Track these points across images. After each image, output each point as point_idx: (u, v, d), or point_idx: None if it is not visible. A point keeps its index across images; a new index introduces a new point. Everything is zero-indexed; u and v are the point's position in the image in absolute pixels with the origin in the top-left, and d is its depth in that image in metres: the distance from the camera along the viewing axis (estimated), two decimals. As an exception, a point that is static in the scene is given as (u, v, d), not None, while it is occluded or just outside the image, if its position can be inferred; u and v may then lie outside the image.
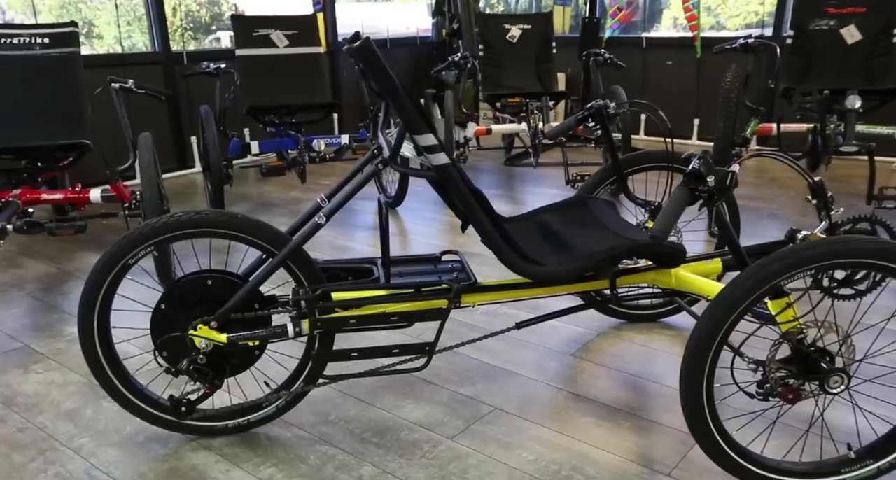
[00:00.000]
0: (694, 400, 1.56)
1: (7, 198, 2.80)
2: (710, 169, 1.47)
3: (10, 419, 2.04)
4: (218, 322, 1.73)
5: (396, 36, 6.63)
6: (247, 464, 1.80)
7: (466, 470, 1.76)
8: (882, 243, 1.43)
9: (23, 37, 3.46)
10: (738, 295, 1.47)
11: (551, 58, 4.88)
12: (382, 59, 1.47)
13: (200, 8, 8.22)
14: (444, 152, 1.55)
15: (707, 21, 6.63)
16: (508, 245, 1.66)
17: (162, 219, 1.71)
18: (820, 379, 1.54)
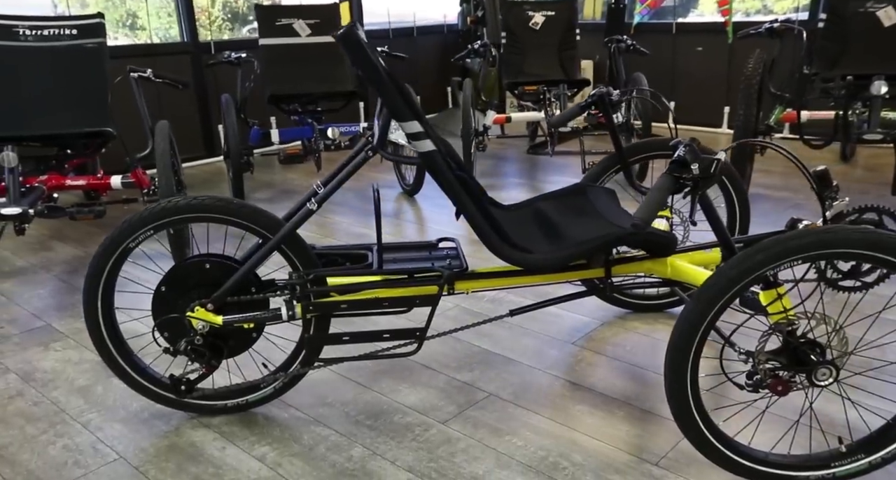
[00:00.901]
0: (678, 390, 1.55)
1: (33, 183, 2.91)
2: (695, 156, 1.45)
3: (27, 393, 2.13)
4: (214, 304, 1.78)
5: (423, 24, 6.63)
6: (242, 442, 1.86)
7: (454, 454, 1.79)
8: (870, 233, 1.40)
9: (52, 28, 3.57)
10: (722, 285, 1.46)
11: (574, 45, 4.83)
12: (366, 46, 1.49)
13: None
14: (430, 139, 1.57)
15: (753, 5, 6.46)
16: (495, 232, 1.67)
17: (160, 205, 1.76)
18: (808, 371, 1.52)
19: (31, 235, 3.63)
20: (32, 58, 3.51)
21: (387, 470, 1.73)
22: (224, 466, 1.76)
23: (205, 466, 1.76)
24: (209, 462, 1.78)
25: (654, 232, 1.70)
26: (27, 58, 3.50)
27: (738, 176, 2.31)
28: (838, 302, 1.81)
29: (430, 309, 1.80)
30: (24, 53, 3.51)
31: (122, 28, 6.48)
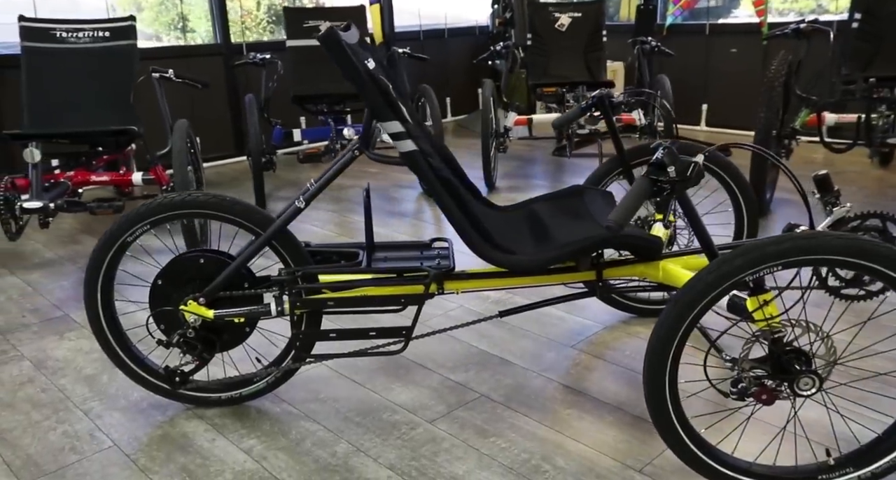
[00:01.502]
0: (656, 395, 1.53)
1: (60, 179, 3.02)
2: (673, 159, 1.43)
3: (38, 380, 2.22)
4: (206, 298, 1.82)
5: (454, 25, 6.65)
6: (232, 435, 1.90)
7: (437, 453, 1.80)
8: (852, 239, 1.36)
9: (87, 31, 3.70)
10: (699, 290, 1.43)
11: (601, 46, 4.78)
12: (347, 47, 1.51)
13: (284, 0, 8.55)
14: (412, 139, 1.58)
15: (807, 4, 6.30)
16: (478, 233, 1.67)
17: (156, 200, 1.82)
18: (790, 380, 1.48)
19: (63, 229, 3.76)
20: (67, 59, 3.65)
21: (368, 467, 1.75)
22: (211, 457, 1.80)
23: (193, 456, 1.81)
24: (198, 452, 1.82)
25: (633, 234, 1.68)
26: (62, 59, 3.65)
27: (744, 178, 2.26)
28: (834, 310, 1.77)
29: (417, 309, 1.81)
30: (59, 55, 3.65)
31: (173, 30, 6.69)
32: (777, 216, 3.60)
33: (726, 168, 2.22)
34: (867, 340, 2.00)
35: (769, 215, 3.57)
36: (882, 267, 1.36)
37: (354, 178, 4.60)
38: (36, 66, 3.58)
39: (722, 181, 2.26)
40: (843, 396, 1.77)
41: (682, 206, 1.53)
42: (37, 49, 3.62)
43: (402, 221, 3.77)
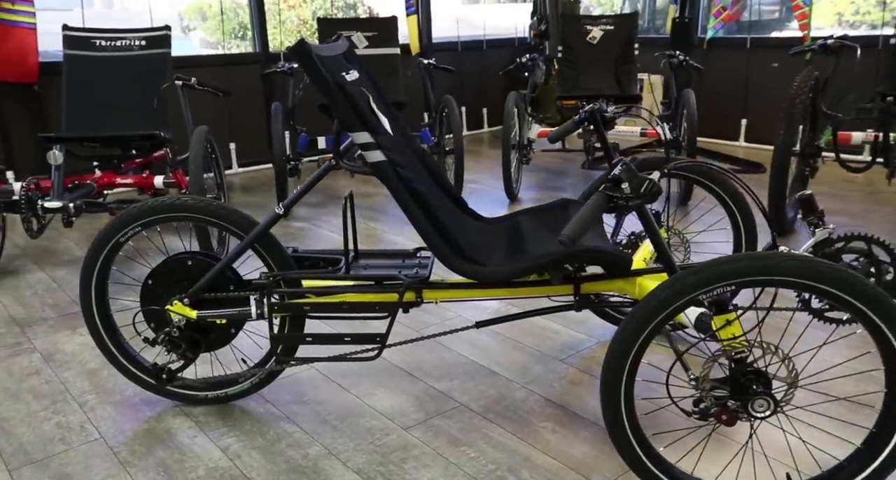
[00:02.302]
0: (612, 412, 1.52)
1: (86, 180, 3.17)
2: (630, 176, 1.42)
3: (44, 372, 2.33)
4: (190, 299, 1.89)
5: (493, 37, 6.68)
6: (213, 432, 1.96)
7: (406, 460, 1.82)
8: (808, 262, 1.33)
9: (124, 39, 3.88)
10: (653, 307, 1.42)
11: (632, 59, 4.74)
12: (315, 59, 1.56)
13: (337, 11, 8.77)
14: (381, 150, 1.61)
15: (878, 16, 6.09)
16: (447, 243, 1.69)
17: (147, 203, 1.90)
18: (744, 401, 1.45)
19: (95, 227, 3.92)
20: (104, 66, 3.83)
21: (336, 470, 1.78)
22: (188, 453, 1.86)
23: (171, 452, 1.87)
24: (177, 448, 1.89)
25: (600, 249, 1.67)
26: (99, 66, 3.83)
27: (742, 195, 2.21)
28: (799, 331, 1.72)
29: (391, 317, 1.83)
30: (97, 62, 3.84)
31: (234, 39, 6.95)
32: (801, 235, 3.50)
33: (722, 184, 2.18)
34: (834, 363, 1.95)
35: (792, 234, 3.47)
36: (837, 291, 1.33)
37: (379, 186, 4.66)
38: (75, 72, 3.77)
39: (717, 197, 2.22)
40: (806, 420, 1.73)
41: (642, 222, 1.52)
42: (77, 56, 3.81)
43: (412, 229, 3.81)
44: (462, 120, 6.67)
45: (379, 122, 1.77)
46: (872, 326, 1.36)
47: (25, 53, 4.36)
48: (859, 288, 1.33)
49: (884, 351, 1.37)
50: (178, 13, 8.65)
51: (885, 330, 1.34)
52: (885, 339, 1.36)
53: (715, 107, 5.99)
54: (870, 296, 1.33)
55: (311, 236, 3.72)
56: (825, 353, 2.13)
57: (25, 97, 4.48)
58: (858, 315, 1.36)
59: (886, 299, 1.33)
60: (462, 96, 6.56)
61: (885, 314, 1.33)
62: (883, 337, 1.35)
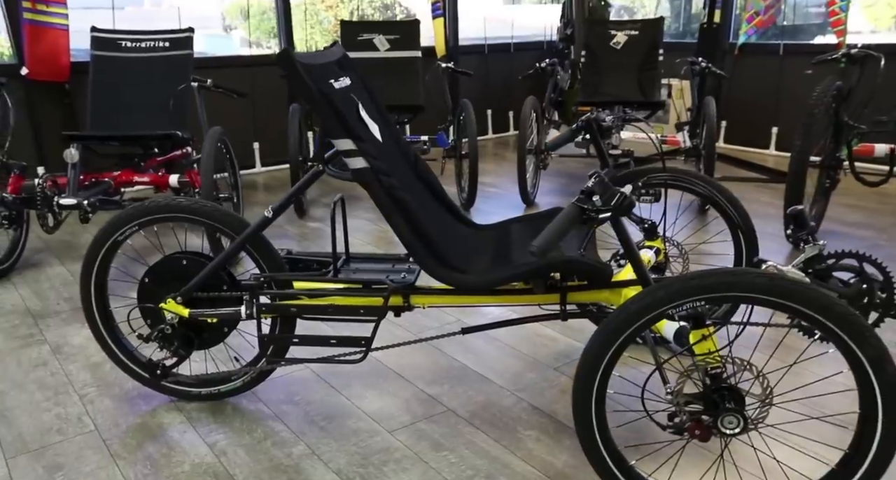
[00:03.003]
0: (583, 424, 1.52)
1: (104, 178, 3.26)
2: (603, 188, 1.42)
3: (51, 363, 2.41)
4: (182, 297, 1.94)
5: (521, 40, 6.66)
6: (203, 429, 2.00)
7: (386, 463, 1.83)
8: (776, 279, 1.31)
9: (149, 41, 3.98)
10: (622, 319, 1.42)
11: (656, 65, 4.69)
12: (300, 68, 1.59)
13: (374, 12, 8.87)
14: (363, 157, 1.63)
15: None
16: (428, 250, 1.70)
17: (144, 204, 1.95)
18: (714, 417, 1.44)
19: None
20: (128, 66, 3.93)
21: (317, 470, 1.81)
22: (176, 448, 1.91)
23: (160, 446, 1.92)
24: (166, 443, 1.94)
25: (579, 260, 1.66)
26: (124, 66, 3.93)
27: (742, 206, 2.18)
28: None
29: (376, 321, 1.85)
30: (121, 63, 3.94)
31: (272, 39, 7.07)
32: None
33: (720, 192, 2.15)
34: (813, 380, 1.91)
35: (809, 246, 3.39)
36: (807, 310, 1.31)
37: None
38: (101, 72, 3.88)
39: (717, 207, 2.19)
40: (781, 438, 1.70)
41: (617, 234, 1.51)
42: (103, 57, 3.92)
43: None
44: (487, 123, 6.68)
45: (366, 129, 1.79)
46: (844, 346, 1.33)
47: (58, 53, 4.50)
48: (829, 308, 1.30)
49: (856, 371, 1.34)
50: (220, 12, 8.85)
51: (856, 351, 1.31)
52: (856, 360, 1.33)
53: (746, 114, 5.88)
54: (840, 316, 1.30)
55: (327, 236, 3.76)
56: (809, 369, 2.09)
57: (57, 96, 4.62)
58: (829, 334, 1.33)
59: (857, 319, 1.30)
60: (488, 99, 6.57)
61: (856, 334, 1.30)
62: (854, 357, 1.32)
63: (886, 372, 1.31)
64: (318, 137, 1.78)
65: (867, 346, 1.31)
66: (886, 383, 1.31)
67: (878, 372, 1.31)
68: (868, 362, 1.32)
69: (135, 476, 1.79)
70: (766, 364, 1.50)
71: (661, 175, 2.06)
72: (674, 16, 7.67)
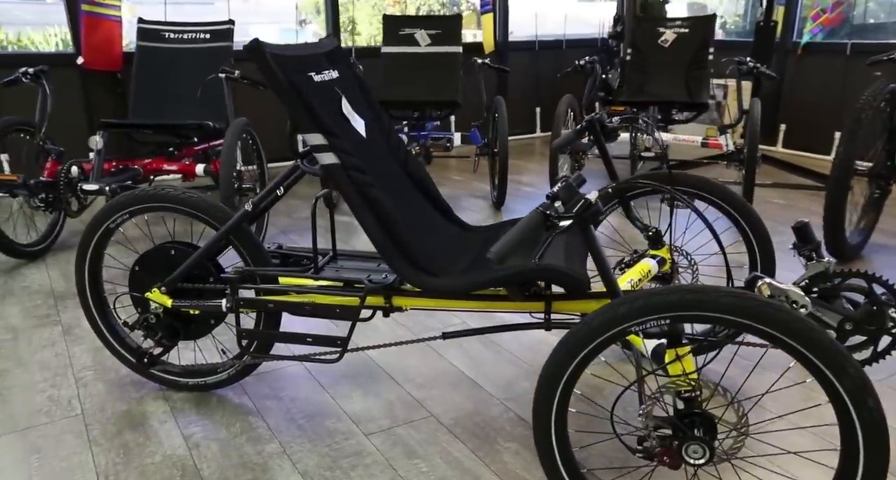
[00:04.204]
0: (543, 444, 1.43)
1: (133, 165, 3.34)
2: (568, 194, 1.32)
3: (58, 344, 2.47)
4: (167, 287, 1.94)
5: (574, 36, 6.50)
6: (183, 420, 2.00)
7: (355, 467, 1.79)
8: (743, 299, 1.20)
9: (190, 32, 4.06)
10: (582, 335, 1.32)
11: (705, 64, 4.47)
12: (269, 58, 1.55)
13: (441, 7, 8.89)
14: (334, 152, 1.59)
15: None
16: (399, 251, 1.64)
17: (134, 193, 1.97)
18: (679, 445, 1.33)
19: (156, 212, 4.14)
20: (169, 57, 4.02)
21: (284, 470, 1.78)
22: (153, 438, 1.92)
23: (137, 435, 1.93)
24: (144, 432, 1.95)
25: (553, 269, 1.56)
26: (165, 57, 4.02)
27: (756, 213, 2.03)
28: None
29: (352, 322, 1.81)
30: (163, 53, 4.03)
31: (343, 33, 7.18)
32: (863, 264, 3.18)
33: (732, 201, 2.01)
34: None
35: (853, 262, 3.17)
36: (779, 334, 1.18)
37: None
38: (144, 62, 3.98)
39: (729, 216, 2.05)
40: (753, 473, 1.56)
41: (586, 242, 1.41)
42: (147, 47, 4.02)
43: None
44: (536, 121, 6.55)
45: (345, 124, 1.74)
46: (821, 376, 1.20)
47: (111, 43, 4.65)
48: (803, 333, 1.18)
49: (835, 404, 1.21)
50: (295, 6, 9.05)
51: (834, 382, 1.18)
52: (834, 392, 1.19)
53: (807, 117, 5.57)
54: (815, 343, 1.17)
55: (351, 230, 3.75)
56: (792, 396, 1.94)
57: (110, 84, 4.78)
58: (804, 362, 1.20)
59: (834, 346, 1.17)
60: (537, 97, 6.44)
61: (833, 363, 1.17)
62: (832, 389, 1.19)
63: (867, 407, 1.18)
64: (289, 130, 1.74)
65: (845, 377, 1.18)
66: (867, 418, 1.18)
67: (859, 405, 1.18)
68: (847, 395, 1.18)
69: (105, 463, 1.81)
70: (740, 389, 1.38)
71: (645, 183, 1.95)
72: (743, 13, 7.34)
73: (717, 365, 2.16)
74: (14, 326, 2.64)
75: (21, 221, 3.55)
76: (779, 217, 3.86)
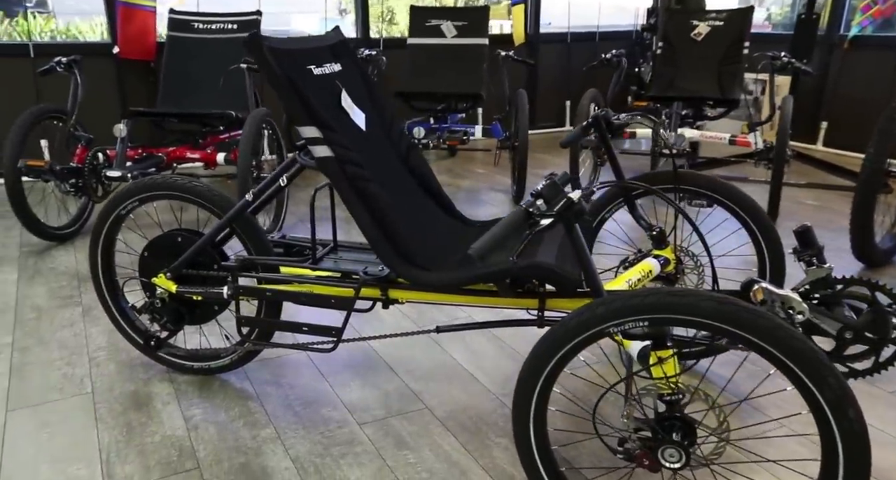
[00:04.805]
0: (522, 440, 1.43)
1: (157, 153, 3.42)
2: (552, 192, 1.31)
3: (77, 325, 2.55)
4: (172, 273, 1.99)
5: (608, 29, 6.40)
6: (185, 402, 2.05)
7: (345, 456, 1.81)
8: (723, 304, 1.17)
9: (218, 23, 4.12)
10: (560, 335, 1.32)
11: (739, 59, 4.36)
12: (265, 51, 1.57)
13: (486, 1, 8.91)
14: (328, 145, 1.60)
15: None
16: (391, 245, 1.65)
17: (143, 181, 2.02)
18: (654, 447, 1.31)
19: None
20: (197, 48, 4.09)
21: (276, 455, 1.81)
22: (155, 418, 1.97)
23: (141, 415, 1.99)
24: (147, 412, 2.00)
25: (539, 266, 1.55)
26: (193, 47, 4.09)
27: (766, 215, 1.99)
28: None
29: (347, 313, 1.83)
30: (192, 44, 4.11)
31: (382, 23, 7.23)
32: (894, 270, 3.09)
33: (740, 201, 1.97)
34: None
35: (883, 268, 3.07)
36: (759, 341, 1.16)
37: (456, 177, 4.65)
38: (173, 52, 4.06)
39: (738, 217, 2.01)
40: None
41: (570, 241, 1.40)
42: (177, 38, 4.10)
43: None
44: (565, 115, 6.48)
45: (344, 117, 1.75)
46: (801, 386, 1.17)
47: (146, 33, 4.75)
48: (783, 341, 1.15)
49: (815, 414, 1.18)
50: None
51: (815, 392, 1.15)
52: (815, 402, 1.17)
53: (852, 115, 5.39)
54: (795, 351, 1.15)
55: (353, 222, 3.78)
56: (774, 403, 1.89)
57: (144, 73, 4.88)
58: (784, 370, 1.17)
59: (815, 355, 1.14)
60: (567, 90, 6.37)
61: (814, 373, 1.14)
62: (813, 399, 1.17)
63: (848, 418, 1.15)
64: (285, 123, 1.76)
65: (826, 388, 1.15)
66: (847, 430, 1.15)
67: (839, 417, 1.15)
68: (827, 405, 1.15)
69: (108, 441, 1.87)
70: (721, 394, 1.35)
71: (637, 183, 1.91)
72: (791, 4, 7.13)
73: (725, 370, 2.13)
74: (39, 306, 2.73)
75: (53, 205, 3.67)
76: (809, 219, 3.76)
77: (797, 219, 3.76)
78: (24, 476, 1.73)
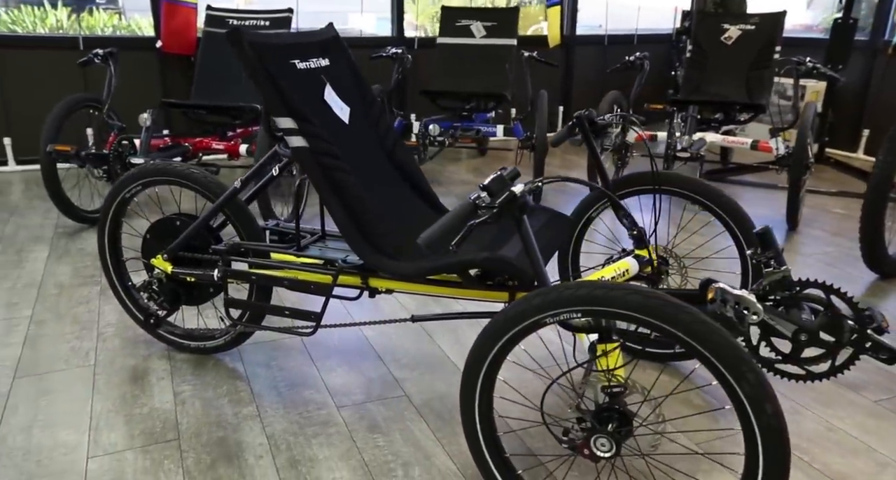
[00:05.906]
0: (468, 427, 1.49)
1: (183, 143, 3.57)
2: (498, 186, 1.36)
3: (93, 302, 2.70)
4: (168, 255, 2.11)
5: (646, 31, 6.34)
6: (178, 379, 2.17)
7: (318, 436, 1.89)
8: (653, 298, 1.20)
9: (251, 19, 4.27)
10: (500, 325, 1.37)
11: (769, 64, 4.28)
12: (245, 45, 1.66)
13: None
14: (302, 136, 1.68)
15: None
16: (361, 234, 1.72)
17: (145, 166, 2.13)
18: (587, 436, 1.35)
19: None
20: (231, 42, 4.23)
21: (253, 431, 1.90)
22: (147, 392, 2.09)
23: (134, 388, 2.11)
24: (141, 386, 2.12)
25: (494, 258, 1.59)
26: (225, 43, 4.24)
27: (747, 217, 1.98)
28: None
29: (325, 299, 1.90)
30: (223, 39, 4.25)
31: (434, 23, 7.36)
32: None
33: (722, 204, 1.97)
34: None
35: (895, 277, 3.00)
36: (682, 335, 1.18)
37: (478, 173, 4.70)
38: (208, 47, 4.23)
39: (720, 219, 2.01)
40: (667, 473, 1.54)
41: (519, 233, 1.44)
42: (212, 33, 4.27)
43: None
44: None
45: (324, 111, 1.83)
46: (721, 379, 1.19)
47: (187, 28, 4.93)
48: (704, 336, 1.17)
49: (737, 409, 1.20)
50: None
51: (735, 387, 1.17)
52: (736, 396, 1.18)
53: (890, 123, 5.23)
54: (716, 345, 1.17)
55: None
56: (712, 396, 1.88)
57: (184, 67, 5.08)
58: (707, 365, 1.20)
59: (734, 350, 1.16)
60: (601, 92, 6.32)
61: (733, 367, 1.16)
62: (734, 393, 1.18)
63: (765, 413, 1.16)
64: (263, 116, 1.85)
65: (745, 383, 1.16)
66: (765, 425, 1.17)
67: (757, 412, 1.17)
68: (747, 400, 1.17)
69: (100, 410, 1.99)
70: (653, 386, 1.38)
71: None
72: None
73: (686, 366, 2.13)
74: (62, 283, 2.90)
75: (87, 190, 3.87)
76: (832, 227, 3.68)
77: (819, 226, 3.68)
78: (17, 439, 1.86)
